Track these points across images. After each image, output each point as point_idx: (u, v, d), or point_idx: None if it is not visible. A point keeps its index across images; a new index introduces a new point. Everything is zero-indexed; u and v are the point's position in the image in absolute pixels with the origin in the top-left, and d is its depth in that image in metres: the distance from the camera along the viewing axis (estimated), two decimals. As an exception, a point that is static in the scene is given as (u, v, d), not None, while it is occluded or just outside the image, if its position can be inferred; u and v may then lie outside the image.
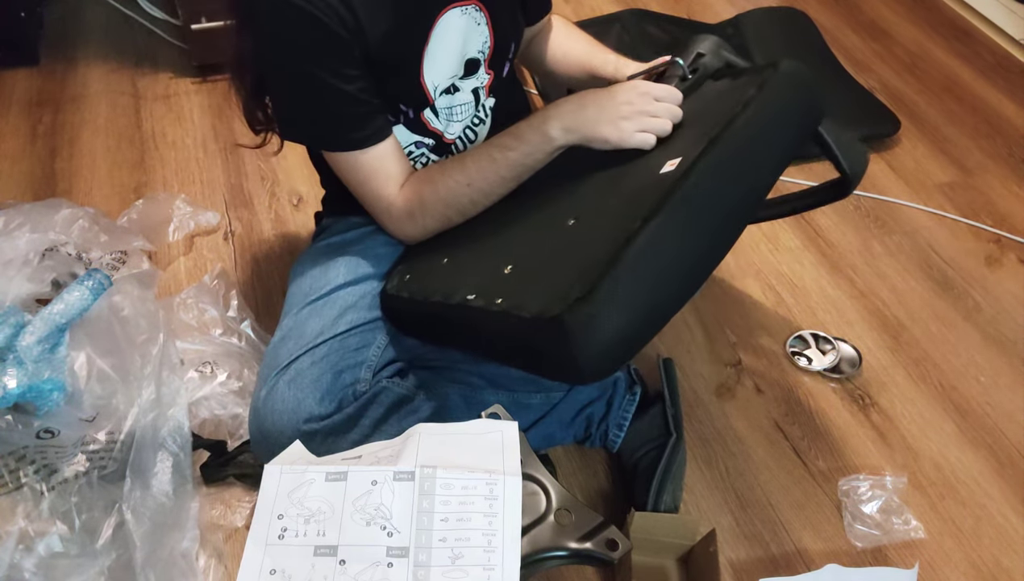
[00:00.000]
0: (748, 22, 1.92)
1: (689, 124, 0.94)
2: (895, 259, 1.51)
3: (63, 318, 1.03)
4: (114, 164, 1.63)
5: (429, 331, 1.02)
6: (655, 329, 0.79)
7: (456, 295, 0.89)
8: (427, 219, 1.03)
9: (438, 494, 0.81)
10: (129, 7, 1.95)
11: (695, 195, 0.80)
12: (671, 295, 0.79)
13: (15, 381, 0.96)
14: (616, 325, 0.74)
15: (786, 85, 0.91)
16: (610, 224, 0.81)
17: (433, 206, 1.01)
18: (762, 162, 0.86)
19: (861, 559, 1.10)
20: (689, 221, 0.79)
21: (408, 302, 0.99)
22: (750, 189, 0.85)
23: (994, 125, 1.81)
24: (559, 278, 0.79)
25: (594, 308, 0.73)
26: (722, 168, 0.82)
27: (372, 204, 1.04)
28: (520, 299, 0.80)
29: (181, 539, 1.01)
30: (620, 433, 1.14)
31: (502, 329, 0.83)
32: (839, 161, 1.00)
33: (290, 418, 0.95)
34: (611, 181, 0.93)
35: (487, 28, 1.04)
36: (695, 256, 0.80)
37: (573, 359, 0.75)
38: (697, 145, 0.84)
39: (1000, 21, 2.05)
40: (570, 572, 1.06)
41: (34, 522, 0.97)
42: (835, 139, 0.99)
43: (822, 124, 0.97)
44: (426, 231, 1.05)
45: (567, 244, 0.85)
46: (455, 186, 1.00)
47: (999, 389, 1.30)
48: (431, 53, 0.99)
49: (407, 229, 1.05)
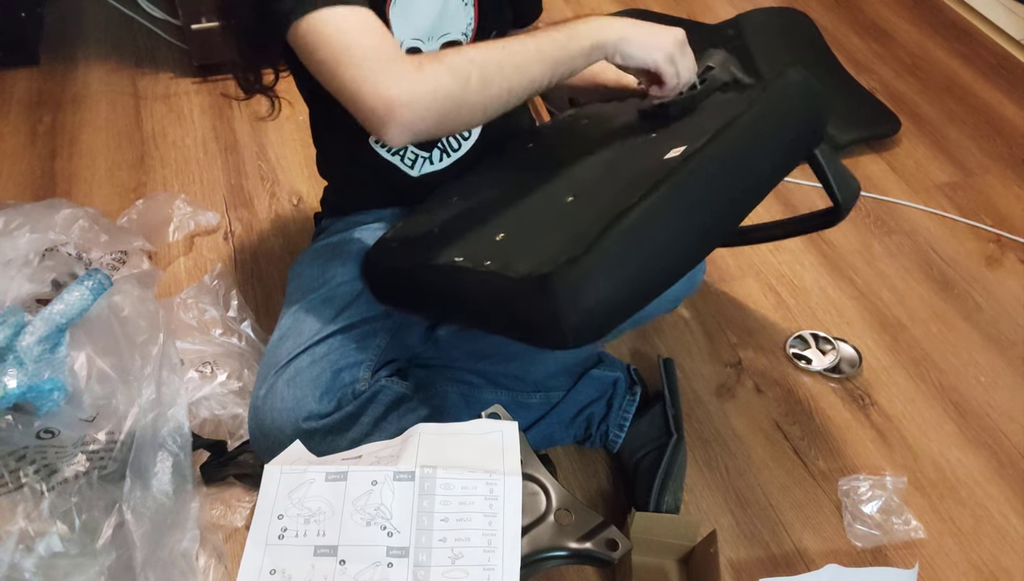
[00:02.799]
0: (748, 23, 1.92)
1: (697, 120, 0.95)
2: (895, 259, 1.51)
3: (63, 318, 1.03)
4: (114, 164, 1.63)
5: (410, 297, 1.00)
6: (640, 302, 0.80)
7: (443, 257, 0.89)
8: (441, 74, 0.83)
9: (438, 494, 0.81)
10: (129, 7, 1.95)
11: (695, 180, 0.81)
12: (659, 272, 0.80)
13: (15, 381, 0.96)
14: (603, 290, 0.75)
15: (793, 91, 0.93)
16: (608, 200, 0.82)
17: (454, 61, 0.84)
18: (764, 160, 0.87)
19: (861, 559, 1.10)
20: (686, 203, 0.80)
21: (393, 265, 0.98)
22: (749, 184, 0.86)
23: (994, 125, 1.81)
24: (551, 244, 0.79)
25: (582, 270, 0.74)
26: (725, 159, 0.84)
27: (368, 61, 0.83)
28: (509, 261, 0.80)
29: (181, 539, 1.01)
30: (620, 433, 1.14)
31: (488, 291, 0.83)
32: (832, 189, 1.02)
33: (289, 416, 0.95)
34: (614, 164, 0.94)
35: (473, 9, 1.02)
36: (687, 239, 0.81)
37: (557, 320, 0.75)
38: (703, 136, 0.86)
39: (1000, 21, 2.05)
40: (570, 572, 1.06)
41: (34, 522, 0.97)
42: (831, 167, 1.02)
43: (820, 150, 0.99)
44: (436, 88, 0.82)
45: (563, 217, 0.86)
46: (486, 49, 0.86)
47: (999, 389, 1.30)
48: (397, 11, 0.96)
49: (407, 85, 0.82)
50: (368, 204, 1.14)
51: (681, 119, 0.98)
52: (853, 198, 1.06)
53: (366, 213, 1.14)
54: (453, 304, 0.93)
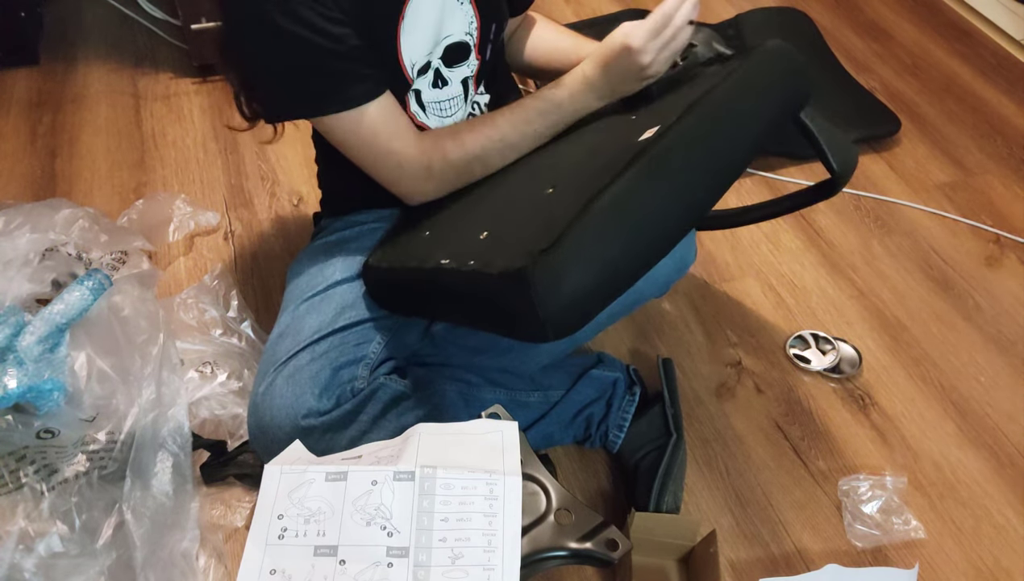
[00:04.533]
0: (748, 22, 1.92)
1: (675, 97, 0.95)
2: (895, 259, 1.51)
3: (63, 318, 1.03)
4: (114, 164, 1.63)
5: (406, 301, 1.01)
6: (620, 287, 0.79)
7: (431, 260, 0.89)
8: (448, 173, 1.01)
9: (438, 494, 0.81)
10: (129, 7, 1.95)
11: (667, 156, 0.81)
12: (638, 254, 0.79)
13: (15, 381, 0.96)
14: (579, 278, 0.74)
15: (770, 60, 0.92)
16: (584, 187, 0.82)
17: (458, 160, 1.00)
18: (740, 132, 0.86)
19: (861, 559, 1.10)
20: (659, 181, 0.80)
21: (388, 271, 0.99)
22: (727, 156, 0.85)
23: (994, 125, 1.81)
24: (528, 237, 0.79)
25: (557, 260, 0.74)
26: (697, 133, 0.83)
27: (381, 163, 1.00)
28: (490, 258, 0.80)
29: (181, 539, 1.01)
30: (620, 434, 1.14)
31: (473, 290, 0.83)
32: (827, 157, 1.00)
33: (288, 413, 0.95)
34: (592, 150, 0.94)
35: (471, 6, 1.02)
36: (664, 216, 0.80)
37: (535, 311, 0.74)
38: (676, 113, 0.85)
39: (1000, 21, 2.05)
40: (570, 572, 1.06)
41: (34, 522, 0.97)
42: (824, 135, 0.99)
43: (814, 121, 0.97)
44: (443, 186, 1.02)
45: (542, 209, 0.86)
46: (486, 141, 1.00)
47: (999, 389, 1.30)
48: (408, 28, 0.97)
49: (422, 185, 1.02)
50: (368, 204, 1.14)
51: (662, 97, 0.98)
52: (851, 165, 1.02)
53: (366, 213, 1.14)
54: (445, 305, 0.94)
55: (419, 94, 1.04)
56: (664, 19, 0.93)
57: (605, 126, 0.98)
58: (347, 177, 1.09)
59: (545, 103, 1.01)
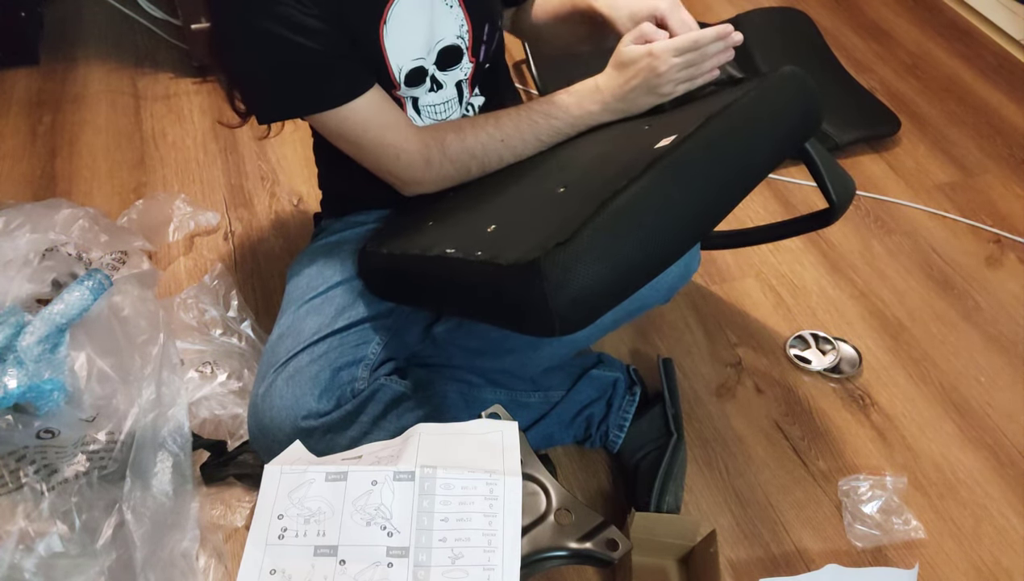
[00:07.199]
0: (748, 22, 1.92)
1: (690, 112, 0.95)
2: (895, 259, 1.51)
3: (63, 318, 1.03)
4: (114, 164, 1.63)
5: (401, 288, 1.01)
6: (629, 288, 0.79)
7: (435, 249, 0.89)
8: (446, 166, 1.01)
9: (438, 494, 0.81)
10: (129, 7, 1.95)
11: (683, 165, 0.81)
12: (648, 257, 0.79)
13: (15, 381, 0.96)
14: (591, 275, 0.75)
15: (786, 84, 0.93)
16: (598, 188, 0.82)
17: (457, 154, 1.00)
18: (754, 148, 0.87)
19: (861, 559, 1.10)
20: (675, 188, 0.80)
21: (387, 257, 0.98)
22: (740, 171, 0.86)
23: (995, 125, 1.81)
24: (540, 232, 0.79)
25: (571, 254, 0.74)
26: (713, 145, 0.84)
27: (377, 155, 1.00)
28: (499, 250, 0.81)
29: (181, 539, 1.01)
30: (620, 434, 1.14)
31: (478, 281, 0.83)
32: (827, 187, 1.02)
33: (288, 414, 0.95)
34: (604, 154, 0.94)
35: (460, 9, 1.02)
36: (676, 224, 0.81)
37: (546, 304, 0.75)
38: (694, 124, 0.86)
39: (1001, 21, 2.05)
40: (570, 572, 1.06)
41: (34, 522, 0.97)
42: (826, 167, 1.02)
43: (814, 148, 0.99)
44: (440, 179, 1.02)
45: (554, 207, 0.86)
46: (487, 139, 1.00)
47: (999, 389, 1.30)
48: (392, 30, 0.97)
49: (419, 175, 1.01)
50: (368, 205, 1.14)
51: (676, 111, 0.98)
52: (848, 198, 1.05)
53: (366, 213, 1.14)
54: (447, 295, 0.93)
55: (416, 101, 1.04)
56: (693, 44, 0.94)
57: (617, 133, 0.98)
58: (347, 178, 1.09)
59: (551, 106, 1.01)
